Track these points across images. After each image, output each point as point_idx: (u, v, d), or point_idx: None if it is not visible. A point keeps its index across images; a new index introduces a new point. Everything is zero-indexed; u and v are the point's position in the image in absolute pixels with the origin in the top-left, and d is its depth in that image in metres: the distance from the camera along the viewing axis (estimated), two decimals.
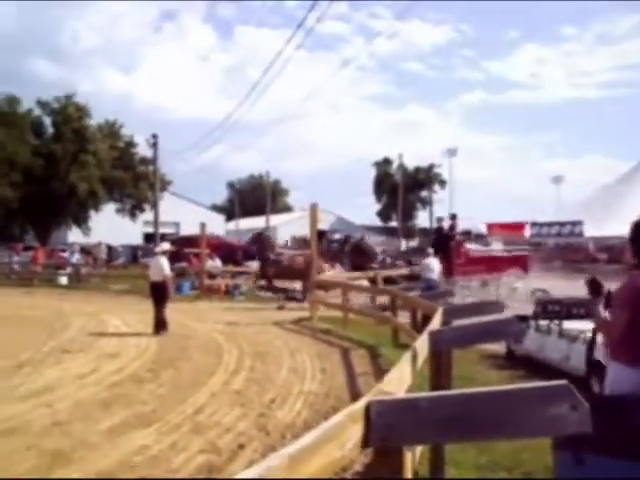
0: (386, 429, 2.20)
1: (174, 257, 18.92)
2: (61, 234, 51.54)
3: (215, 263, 23.99)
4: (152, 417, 6.47)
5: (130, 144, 51.09)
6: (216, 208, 78.29)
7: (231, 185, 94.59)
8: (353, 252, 24.13)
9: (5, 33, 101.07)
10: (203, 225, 22.58)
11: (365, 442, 2.14)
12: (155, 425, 6.19)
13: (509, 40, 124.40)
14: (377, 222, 73.33)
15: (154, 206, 44.05)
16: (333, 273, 22.15)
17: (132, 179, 49.62)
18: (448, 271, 19.05)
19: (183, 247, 26.17)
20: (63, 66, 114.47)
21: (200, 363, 9.60)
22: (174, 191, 55.68)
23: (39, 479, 4.51)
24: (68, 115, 47.26)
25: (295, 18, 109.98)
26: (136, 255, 40.02)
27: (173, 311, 16.76)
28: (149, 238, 50.57)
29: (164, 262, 13.11)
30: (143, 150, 48.09)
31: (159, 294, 12.86)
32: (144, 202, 50.09)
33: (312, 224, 15.46)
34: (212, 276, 23.09)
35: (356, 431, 2.07)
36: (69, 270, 30.31)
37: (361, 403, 2.16)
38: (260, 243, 23.94)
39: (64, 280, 28.63)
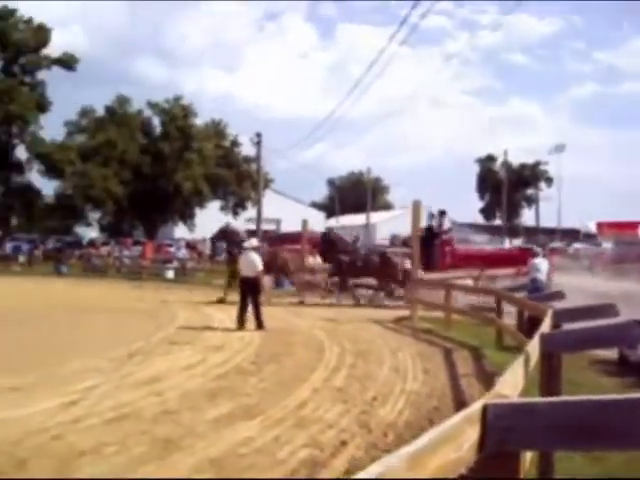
0: (503, 432, 2.12)
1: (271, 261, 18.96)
2: (168, 230, 53.60)
3: (315, 260, 24.20)
4: (256, 410, 6.59)
5: (234, 143, 52.42)
6: (316, 205, 79.07)
7: (331, 182, 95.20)
8: (323, 243, 23.04)
9: (117, 36, 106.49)
10: (305, 222, 22.82)
11: (481, 445, 2.08)
12: (259, 418, 6.29)
13: (622, 30, 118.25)
14: (480, 220, 71.76)
15: (256, 203, 44.92)
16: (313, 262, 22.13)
17: (235, 177, 50.92)
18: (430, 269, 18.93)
19: (284, 244, 26.53)
20: (170, 67, 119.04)
21: (302, 359, 9.71)
22: (275, 188, 56.67)
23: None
24: (174, 114, 49.03)
25: (397, 15, 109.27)
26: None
27: (273, 307, 17.16)
28: (251, 235, 51.59)
29: (256, 257, 13.20)
30: (247, 149, 49.12)
31: (251, 290, 12.97)
32: (246, 200, 51.30)
33: (414, 222, 15.30)
34: (313, 272, 23.29)
35: (472, 433, 2.00)
36: (175, 264, 31.48)
37: (478, 405, 2.09)
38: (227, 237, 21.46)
39: (171, 274, 29.76)
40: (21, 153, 49.52)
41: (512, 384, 2.94)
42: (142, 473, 4.71)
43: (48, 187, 52.26)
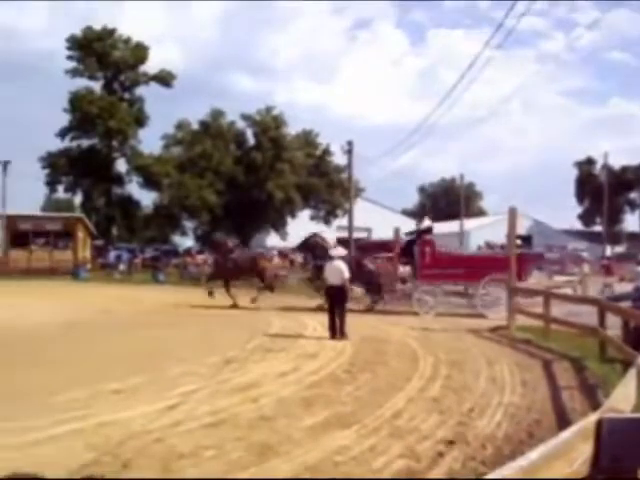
0: (618, 449, 2.00)
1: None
2: (260, 238, 54.59)
3: (406, 268, 23.95)
4: (351, 418, 6.56)
5: (326, 152, 52.87)
6: (407, 213, 78.49)
7: (422, 189, 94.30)
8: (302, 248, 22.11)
9: (211, 52, 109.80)
10: (397, 230, 22.66)
11: (595, 461, 1.97)
12: (354, 427, 6.26)
13: None
14: (579, 226, 69.10)
15: (348, 212, 45.02)
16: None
17: (327, 186, 51.31)
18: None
19: (375, 252, 26.42)
20: (262, 79, 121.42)
21: (396, 368, 9.61)
22: (367, 196, 56.68)
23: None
24: (266, 125, 49.97)
25: (488, 17, 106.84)
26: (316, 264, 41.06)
27: (367, 315, 17.11)
28: (342, 244, 51.81)
29: (342, 266, 13.10)
30: (338, 158, 49.41)
31: (338, 298, 12.89)
32: (338, 208, 51.58)
33: (510, 229, 14.90)
34: (404, 281, 23.07)
35: (586, 449, 1.90)
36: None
37: (591, 420, 1.99)
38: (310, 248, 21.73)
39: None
40: (121, 166, 51.93)
41: (625, 398, 2.79)
42: (242, 477, 4.78)
43: (147, 198, 54.48)
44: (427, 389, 8.13)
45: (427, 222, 22.06)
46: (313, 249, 21.06)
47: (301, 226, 48.31)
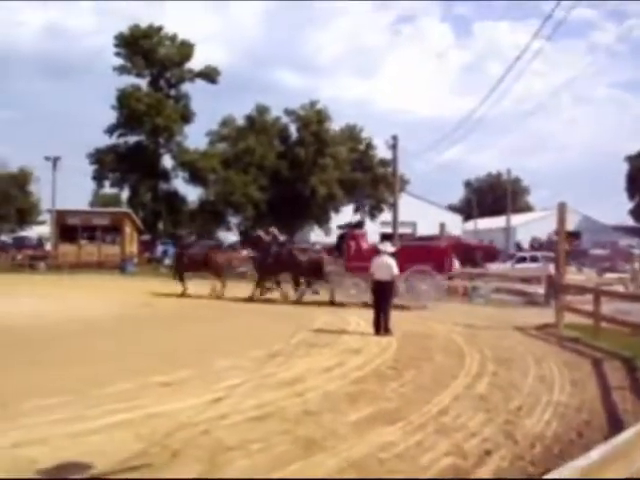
0: None
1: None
2: (304, 233, 54.75)
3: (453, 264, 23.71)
4: (396, 415, 6.53)
5: (369, 146, 52.72)
6: (452, 208, 77.76)
7: (468, 184, 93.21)
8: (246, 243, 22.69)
9: (255, 48, 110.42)
10: (442, 225, 22.50)
11: None
12: (399, 423, 6.23)
13: None
14: (630, 222, 67.40)
15: (392, 207, 44.78)
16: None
17: (371, 181, 51.16)
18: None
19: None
20: (307, 75, 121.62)
21: (441, 364, 9.53)
22: (411, 191, 56.33)
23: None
24: (309, 120, 50.05)
25: (536, 7, 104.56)
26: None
27: (410, 311, 17.00)
28: (386, 239, 51.64)
29: (391, 261, 13.03)
30: (383, 152, 49.24)
31: (384, 293, 12.80)
32: (382, 203, 51.39)
33: (559, 224, 14.58)
34: (450, 277, 22.86)
35: None
36: None
37: None
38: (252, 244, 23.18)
39: None
40: (167, 162, 52.71)
41: None
42: (287, 471, 4.80)
43: (192, 194, 55.20)
44: (474, 386, 8.04)
45: (358, 217, 23.04)
46: (256, 244, 22.43)
47: (345, 221, 48.28)
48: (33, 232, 57.50)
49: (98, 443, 5.36)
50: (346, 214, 50.48)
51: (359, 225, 21.84)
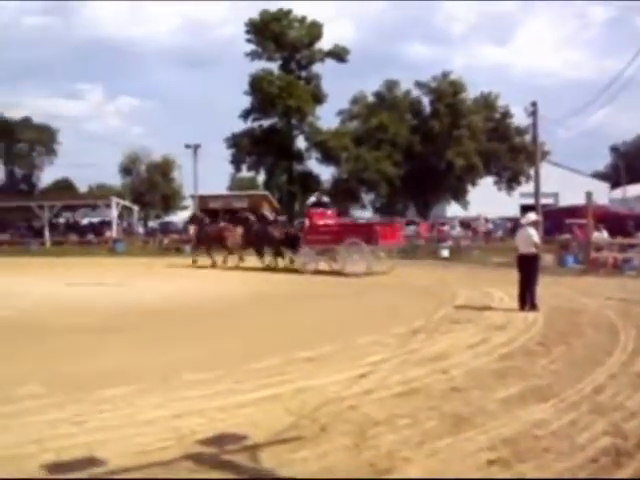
0: None
1: (557, 228, 18.10)
2: (440, 208, 53.89)
3: (601, 235, 22.44)
4: (548, 392, 6.28)
5: (506, 115, 50.81)
6: (598, 175, 73.46)
7: (615, 149, 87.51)
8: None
9: (384, 22, 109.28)
10: (589, 194, 21.24)
11: None
12: (551, 401, 5.99)
13: None
14: None
15: (531, 177, 43.01)
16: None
17: (508, 150, 49.35)
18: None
19: (564, 218, 25.09)
20: (438, 46, 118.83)
21: (593, 340, 9.04)
22: (552, 160, 53.70)
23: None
24: (442, 92, 48.97)
25: None
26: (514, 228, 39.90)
27: (558, 285, 16.27)
28: (526, 210, 49.85)
29: (533, 233, 12.37)
30: (521, 120, 47.25)
31: (529, 267, 12.24)
32: (520, 174, 49.49)
33: None
34: (599, 249, 21.65)
35: None
36: (450, 243, 31.54)
37: None
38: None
39: (445, 252, 29.91)
40: (301, 143, 53.64)
41: None
42: (437, 446, 4.76)
43: (326, 173, 55.88)
44: (631, 364, 7.54)
45: (316, 196, 26.63)
46: (199, 221, 28.98)
47: (483, 194, 46.99)
48: (177, 217, 60.63)
49: (250, 415, 5.59)
50: (484, 187, 49.16)
51: (321, 204, 26.69)
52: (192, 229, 32.75)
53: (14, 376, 7.00)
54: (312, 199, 25.60)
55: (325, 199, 29.17)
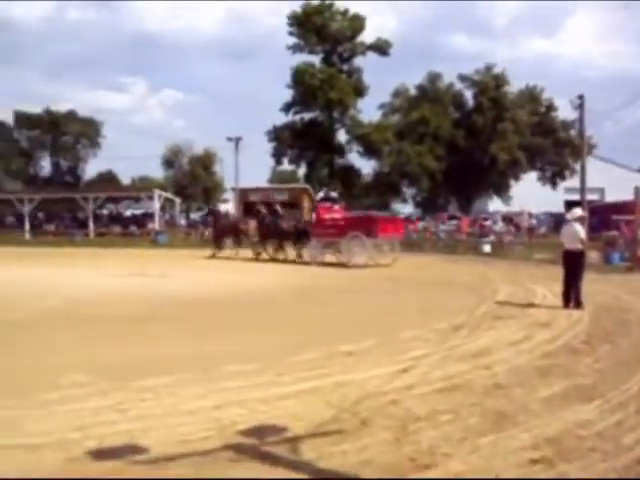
0: None
1: (603, 225, 17.74)
2: (482, 203, 53.27)
3: None
4: (592, 392, 6.16)
5: (550, 108, 49.92)
6: None
7: None
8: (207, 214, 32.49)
9: (427, 15, 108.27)
10: (637, 190, 20.69)
11: None
12: (596, 400, 5.87)
13: None
14: None
15: (577, 172, 42.19)
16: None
17: (552, 145, 48.50)
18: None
19: (610, 214, 24.55)
20: (481, 38, 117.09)
21: (639, 340, 8.84)
22: (598, 154, 52.54)
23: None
24: (485, 85, 48.37)
25: None
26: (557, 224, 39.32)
27: (603, 283, 15.94)
28: (571, 206, 48.84)
29: (580, 229, 12.11)
30: (564, 113, 46.38)
31: (575, 264, 11.98)
32: (565, 168, 48.58)
33: None
34: None
35: None
36: (492, 238, 31.18)
37: None
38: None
39: (487, 248, 29.58)
40: (342, 137, 53.53)
41: None
42: (479, 443, 4.71)
43: (367, 166, 55.73)
44: None
45: (324, 191, 28.93)
46: (215, 214, 32.08)
47: (526, 189, 46.26)
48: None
49: (291, 408, 5.61)
50: (527, 181, 48.43)
51: (330, 199, 26.99)
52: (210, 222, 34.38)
53: (59, 364, 7.16)
54: (320, 194, 27.20)
55: (333, 194, 31.55)
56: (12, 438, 4.81)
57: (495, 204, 51.18)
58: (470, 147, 48.09)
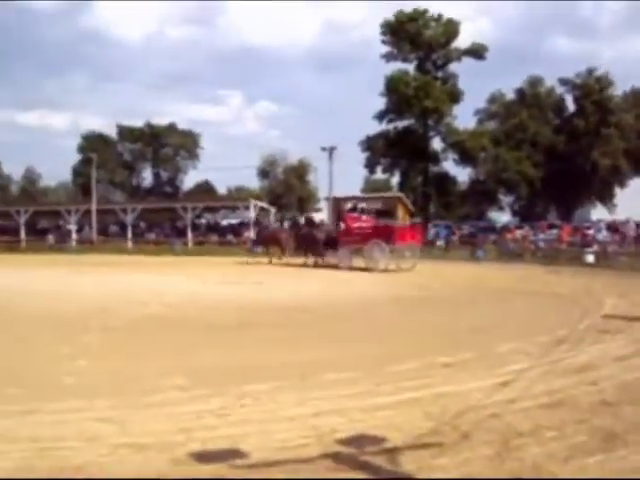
0: None
1: None
2: (584, 212, 51.29)
3: None
4: None
5: None
6: None
7: None
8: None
9: (524, 17, 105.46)
10: None
11: None
12: None
13: None
14: None
15: None
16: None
17: None
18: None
19: None
20: (583, 39, 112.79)
21: None
22: None
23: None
24: (588, 88, 46.63)
25: None
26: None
27: None
28: None
29: None
30: None
31: None
32: None
33: None
34: None
35: None
36: (595, 248, 29.95)
37: None
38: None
39: (590, 258, 28.43)
40: (437, 144, 52.92)
41: None
42: (586, 463, 4.51)
43: (462, 174, 54.82)
44: None
45: (351, 204, 30.74)
46: (260, 225, 34.62)
47: (631, 197, 44.18)
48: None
49: (390, 418, 5.56)
50: (633, 189, 46.26)
51: (356, 210, 28.73)
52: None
53: (160, 368, 7.41)
54: (349, 205, 30.36)
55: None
56: (119, 437, 5.03)
57: (598, 212, 49.15)
58: (571, 153, 46.39)
